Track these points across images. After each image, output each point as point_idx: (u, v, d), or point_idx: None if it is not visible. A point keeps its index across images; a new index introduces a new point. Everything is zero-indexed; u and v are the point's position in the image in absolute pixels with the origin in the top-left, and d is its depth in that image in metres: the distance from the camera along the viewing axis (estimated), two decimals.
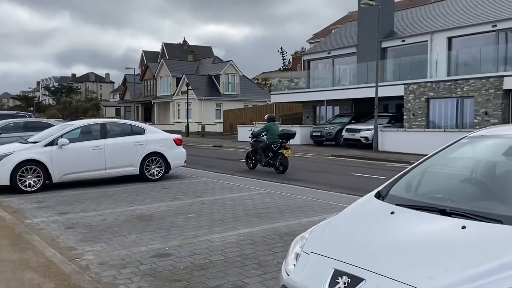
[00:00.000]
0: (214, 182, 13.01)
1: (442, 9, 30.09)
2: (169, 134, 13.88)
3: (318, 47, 36.52)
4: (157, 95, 57.64)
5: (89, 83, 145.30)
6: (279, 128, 15.99)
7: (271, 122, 15.95)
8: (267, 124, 16.00)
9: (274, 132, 15.70)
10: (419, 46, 27.99)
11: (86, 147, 12.17)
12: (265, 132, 16.13)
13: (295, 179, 14.39)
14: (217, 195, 10.81)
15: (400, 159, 20.42)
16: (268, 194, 10.94)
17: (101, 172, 12.38)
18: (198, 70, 56.90)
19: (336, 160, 21.26)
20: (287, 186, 12.57)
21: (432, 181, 4.19)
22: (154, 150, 13.12)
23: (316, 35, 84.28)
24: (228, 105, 50.56)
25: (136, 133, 13.11)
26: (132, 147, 12.82)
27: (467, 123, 23.50)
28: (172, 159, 13.41)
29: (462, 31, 25.98)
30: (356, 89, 29.51)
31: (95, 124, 12.75)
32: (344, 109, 32.72)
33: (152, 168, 13.11)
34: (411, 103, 25.76)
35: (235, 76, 52.63)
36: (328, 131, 28.37)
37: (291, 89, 38.69)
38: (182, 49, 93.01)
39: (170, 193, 11.22)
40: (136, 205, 9.74)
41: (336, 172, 16.40)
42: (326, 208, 9.26)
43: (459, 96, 23.57)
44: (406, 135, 23.56)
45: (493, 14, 25.26)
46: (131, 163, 12.80)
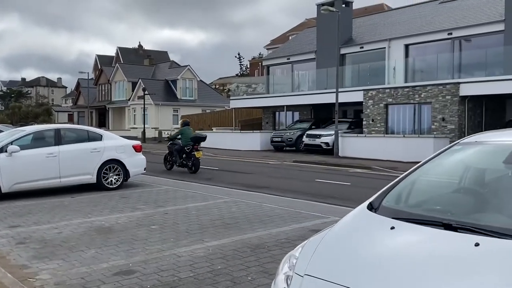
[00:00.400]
0: (176, 190, 12.48)
1: (399, 17, 30.58)
2: (128, 140, 13.27)
3: (278, 53, 36.46)
4: (112, 100, 56.20)
5: (40, 88, 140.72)
6: (191, 133, 17.52)
7: (186, 127, 17.53)
8: (182, 128, 17.59)
9: (187, 135, 17.24)
10: (377, 53, 28.30)
11: (39, 154, 11.42)
12: (179, 136, 17.68)
13: (260, 186, 14.05)
14: (180, 205, 10.31)
15: (361, 164, 20.44)
16: (234, 202, 10.52)
17: (55, 181, 11.65)
18: (154, 74, 55.86)
19: (298, 166, 21.06)
20: (253, 194, 12.19)
21: (427, 191, 3.89)
22: (112, 157, 12.48)
23: (273, 41, 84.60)
24: (185, 111, 49.77)
25: (93, 140, 12.43)
26: (89, 154, 12.14)
27: (424, 128, 23.84)
28: (131, 167, 12.80)
29: (419, 38, 26.43)
30: (315, 94, 29.54)
31: (48, 130, 12.00)
32: (304, 114, 32.71)
33: (110, 176, 12.46)
34: (370, 109, 25.95)
35: (193, 81, 51.95)
36: (289, 136, 28.23)
37: (250, 95, 38.46)
38: (137, 53, 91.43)
39: (129, 202, 10.63)
40: (94, 216, 9.12)
41: (300, 178, 16.15)
42: (295, 217, 8.93)
43: (417, 102, 23.89)
44: (367, 141, 23.67)
45: (449, 23, 25.81)
46: (88, 171, 12.11)
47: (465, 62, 24.67)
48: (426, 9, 29.70)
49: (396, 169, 18.94)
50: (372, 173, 18.29)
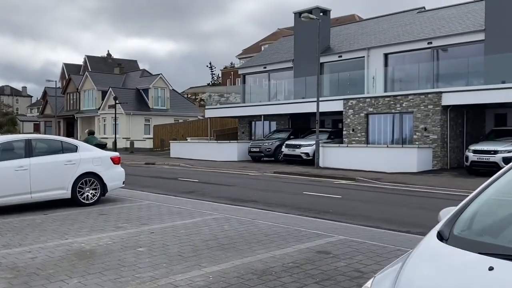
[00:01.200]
0: (159, 205, 11.58)
1: (377, 26, 30.39)
2: (105, 151, 12.31)
3: (254, 61, 35.85)
4: (80, 109, 54.50)
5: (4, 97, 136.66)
6: (94, 141, 17.58)
7: (90, 135, 18.45)
8: (87, 137, 18.38)
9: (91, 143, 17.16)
10: (356, 62, 27.97)
11: (7, 167, 10.37)
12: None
13: (247, 199, 13.26)
14: (166, 222, 9.44)
15: (345, 175, 19.88)
16: (225, 219, 9.70)
17: (26, 196, 10.60)
18: (125, 83, 54.46)
19: (280, 177, 20.36)
20: (242, 209, 11.39)
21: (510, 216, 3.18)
22: (89, 170, 11.50)
23: (245, 51, 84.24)
24: (157, 120, 48.60)
25: (67, 151, 11.43)
26: (63, 167, 11.14)
27: (406, 138, 23.51)
28: (109, 180, 11.84)
29: (398, 47, 26.21)
30: (293, 104, 28.99)
31: (18, 141, 10.94)
32: (281, 124, 32.12)
33: (86, 191, 11.47)
34: (350, 118, 25.51)
35: (165, 90, 50.82)
36: (267, 147, 27.54)
37: (224, 104, 37.68)
38: (106, 62, 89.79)
39: (110, 220, 9.69)
40: (71, 237, 8.17)
41: (287, 191, 15.42)
42: (296, 235, 8.19)
43: (398, 111, 23.56)
44: (348, 151, 23.16)
45: (428, 32, 25.67)
46: (62, 185, 11.11)
47: (446, 71, 24.52)
48: (404, 18, 29.60)
49: (380, 180, 18.46)
50: (358, 184, 17.72)
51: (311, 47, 30.11)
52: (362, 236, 8.23)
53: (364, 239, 7.95)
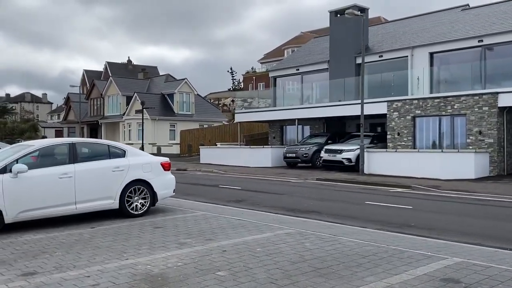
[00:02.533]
0: (215, 216, 10.30)
1: (420, 24, 28.89)
2: (155, 156, 11.09)
3: (285, 64, 34.56)
4: (105, 115, 53.75)
5: (25, 104, 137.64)
6: None
7: None
8: None
9: None
10: (398, 62, 26.52)
11: (50, 175, 9.20)
12: None
13: (306, 210, 11.94)
14: (234, 237, 8.16)
15: (398, 183, 18.43)
16: (299, 234, 8.39)
17: (70, 207, 9.42)
18: (149, 88, 53.63)
19: (326, 184, 18.99)
20: (308, 221, 10.09)
21: None
22: (138, 177, 10.28)
23: (267, 55, 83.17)
24: (182, 125, 47.57)
25: (115, 156, 10.24)
26: (110, 174, 9.94)
27: (458, 143, 21.96)
28: (159, 188, 10.61)
29: (445, 46, 24.70)
30: (330, 107, 27.61)
31: (61, 145, 9.77)
32: (315, 128, 30.75)
33: (135, 201, 10.25)
34: (395, 121, 24.04)
35: (190, 95, 49.80)
36: (304, 152, 26.17)
37: (252, 108, 36.45)
38: (126, 68, 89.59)
39: (168, 234, 8.44)
40: (132, 257, 6.94)
41: (345, 200, 14.05)
42: (401, 257, 6.82)
43: (449, 114, 22.03)
44: (397, 156, 21.67)
45: (478, 29, 24.14)
46: (109, 194, 9.90)
47: (499, 71, 22.94)
48: (448, 16, 28.08)
49: (439, 188, 17.00)
50: (417, 193, 16.26)
51: (348, 47, 28.83)
52: (478, 257, 6.86)
53: (485, 261, 6.58)
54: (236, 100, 68.24)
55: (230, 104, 65.87)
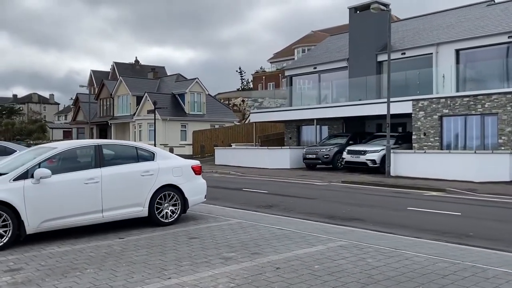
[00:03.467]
0: (252, 225, 9.42)
1: (444, 21, 27.88)
2: (185, 159, 10.21)
3: (301, 62, 33.63)
4: (114, 115, 53.00)
5: (32, 104, 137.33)
6: None
7: None
8: None
9: None
10: (422, 59, 25.54)
11: (76, 180, 8.36)
12: None
13: (346, 217, 11.03)
14: (283, 251, 7.27)
15: (430, 186, 17.48)
16: (356, 248, 7.49)
17: (97, 216, 8.57)
18: (159, 88, 52.84)
19: (354, 188, 18.07)
20: (355, 230, 9.19)
21: None
22: (168, 182, 9.43)
23: (277, 55, 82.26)
24: (194, 126, 46.74)
25: (143, 159, 9.39)
26: (139, 179, 9.09)
27: (488, 143, 20.98)
28: (190, 194, 9.75)
29: (473, 42, 23.70)
30: (350, 106, 26.65)
31: (86, 147, 8.93)
32: (334, 128, 29.82)
33: (164, 208, 9.40)
34: (421, 121, 23.07)
35: (201, 95, 48.96)
36: (325, 153, 25.24)
37: (261, 109, 35.56)
38: (134, 68, 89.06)
39: (208, 247, 7.57)
40: (175, 275, 6.07)
41: (383, 205, 13.12)
42: (486, 277, 5.92)
43: (479, 113, 21.05)
44: (426, 158, 20.69)
45: (507, 24, 23.13)
46: (138, 201, 9.05)
47: None
48: (473, 12, 27.09)
49: (477, 191, 16.04)
50: (454, 197, 15.31)
51: (368, 44, 27.92)
52: None
53: None
54: (246, 100, 67.45)
55: (240, 104, 64.98)
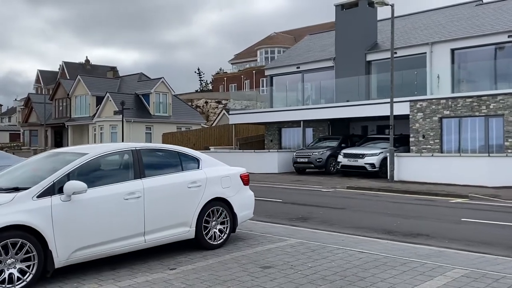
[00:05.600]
0: (321, 246, 7.77)
1: (437, 20, 27.12)
2: (232, 167, 8.45)
3: (282, 61, 32.19)
4: (71, 116, 49.77)
5: None
6: None
7: None
8: None
9: None
10: (415, 59, 24.66)
11: (114, 195, 6.48)
12: None
13: (406, 232, 9.57)
14: (401, 286, 5.69)
15: (448, 191, 16.38)
16: (493, 280, 6.00)
17: (138, 240, 6.70)
18: (120, 88, 50.10)
19: (367, 194, 16.73)
20: (447, 251, 7.74)
21: None
22: (217, 195, 7.68)
23: (238, 56, 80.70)
24: (159, 128, 44.48)
25: (188, 167, 7.60)
26: (186, 192, 7.29)
27: (493, 146, 20.21)
28: (239, 209, 8.02)
29: (470, 42, 23.01)
30: (338, 108, 25.43)
31: (122, 152, 7.00)
32: (320, 131, 28.56)
33: (212, 226, 7.62)
34: (419, 123, 22.09)
35: (167, 95, 46.67)
36: (317, 156, 23.86)
37: (247, 109, 33.90)
38: (84, 68, 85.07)
39: (299, 281, 5.88)
40: None
41: (433, 216, 11.73)
42: None
43: (484, 114, 20.25)
44: (433, 161, 19.63)
45: (504, 24, 22.55)
46: (184, 219, 7.25)
47: None
48: (463, 11, 26.51)
49: (501, 198, 15.04)
50: (486, 204, 14.21)
51: (357, 43, 26.87)
52: None
53: None
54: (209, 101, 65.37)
55: (203, 106, 62.94)
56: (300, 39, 69.50)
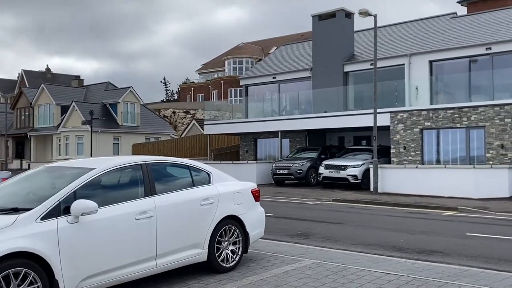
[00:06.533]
0: (342, 267, 7.22)
1: (411, 31, 27.22)
2: (242, 182, 7.85)
3: (259, 71, 31.74)
4: (34, 126, 47.89)
5: None
6: None
7: None
8: None
9: None
10: (393, 70, 24.64)
11: (125, 215, 5.78)
12: None
13: (419, 249, 9.16)
14: None
15: (436, 204, 16.21)
16: None
17: (149, 265, 6.01)
18: (86, 97, 48.58)
19: (357, 207, 16.38)
20: (471, 269, 7.33)
21: None
22: (229, 213, 7.06)
23: (206, 66, 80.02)
24: (127, 139, 43.35)
25: (199, 182, 6.96)
26: (198, 210, 6.66)
27: (474, 157, 20.26)
28: (251, 227, 7.41)
29: (448, 54, 23.14)
30: (317, 118, 25.13)
31: (131, 167, 6.29)
32: (297, 141, 28.20)
33: (224, 247, 6.99)
34: (400, 134, 22.00)
35: (135, 105, 45.47)
36: (298, 168, 23.44)
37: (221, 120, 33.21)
38: (45, 77, 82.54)
39: None
40: None
41: (436, 231, 11.38)
42: None
43: (465, 126, 20.30)
44: (417, 173, 19.50)
45: (482, 36, 22.81)
46: (196, 240, 6.60)
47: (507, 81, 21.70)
48: (441, 23, 26.71)
49: (490, 210, 14.95)
50: (483, 217, 14.03)
51: (334, 54, 26.71)
52: None
53: None
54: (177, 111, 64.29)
55: (171, 116, 61.86)
56: (268, 49, 69.78)
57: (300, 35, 65.66)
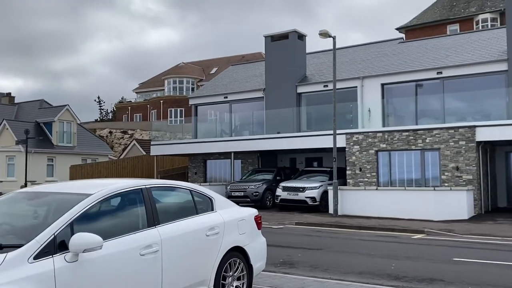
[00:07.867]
0: None
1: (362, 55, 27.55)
2: (244, 208, 7.07)
3: (209, 91, 30.94)
4: None
5: None
6: None
7: None
8: None
9: None
10: (346, 92, 24.65)
11: (129, 250, 4.86)
12: None
13: (414, 277, 8.71)
14: None
15: (403, 226, 16.04)
16: None
17: None
18: (17, 116, 45.70)
19: (323, 231, 15.89)
20: None
21: None
22: (235, 244, 6.26)
23: (144, 85, 78.09)
24: (63, 159, 40.98)
25: (202, 209, 6.13)
26: (204, 242, 5.82)
27: (429, 179, 20.47)
28: (255, 260, 6.62)
29: (400, 77, 23.48)
30: (270, 139, 24.70)
31: (131, 192, 5.35)
32: (249, 163, 27.55)
33: (228, 284, 6.15)
34: (356, 155, 21.93)
35: (72, 124, 43.14)
36: (254, 190, 22.76)
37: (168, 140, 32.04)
38: None
39: None
40: None
41: (421, 257, 11.02)
42: None
43: (420, 148, 20.52)
44: (378, 195, 19.35)
45: (431, 61, 23.39)
46: (202, 277, 5.74)
47: (459, 104, 22.30)
48: (390, 48, 27.24)
49: (455, 232, 14.97)
50: (443, 239, 13.92)
51: (287, 75, 26.53)
52: None
53: None
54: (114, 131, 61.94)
55: (107, 136, 59.45)
56: (209, 70, 69.27)
57: (241, 56, 65.73)
